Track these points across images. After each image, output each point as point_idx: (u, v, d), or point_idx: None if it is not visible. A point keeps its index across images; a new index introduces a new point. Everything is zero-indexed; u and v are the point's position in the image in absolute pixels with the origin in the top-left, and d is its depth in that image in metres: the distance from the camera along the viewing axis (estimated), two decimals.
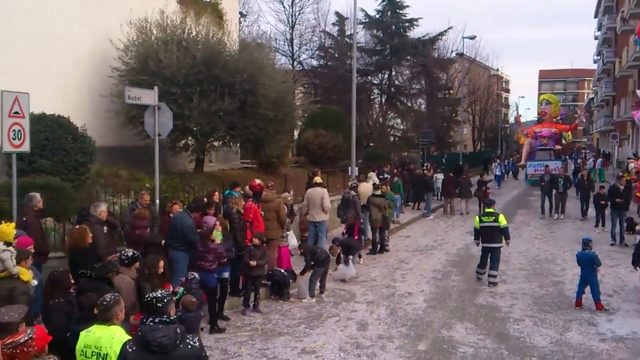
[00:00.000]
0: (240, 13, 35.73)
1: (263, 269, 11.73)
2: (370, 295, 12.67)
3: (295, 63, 42.63)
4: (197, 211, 11.05)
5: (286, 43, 42.55)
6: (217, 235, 10.34)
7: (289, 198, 15.35)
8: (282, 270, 12.55)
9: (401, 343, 9.76)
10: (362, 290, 13.07)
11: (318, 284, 12.54)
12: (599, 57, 72.68)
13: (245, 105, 17.07)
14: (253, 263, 11.08)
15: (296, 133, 32.46)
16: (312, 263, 12.51)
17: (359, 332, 10.32)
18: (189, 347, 5.08)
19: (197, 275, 9.42)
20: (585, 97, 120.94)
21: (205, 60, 16.79)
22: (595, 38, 77.88)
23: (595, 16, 77.23)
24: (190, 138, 18.00)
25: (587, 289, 11.72)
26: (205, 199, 11.65)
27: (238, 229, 11.52)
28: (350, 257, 14.02)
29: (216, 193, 12.45)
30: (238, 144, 19.79)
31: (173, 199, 12.56)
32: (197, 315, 8.68)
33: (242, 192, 13.13)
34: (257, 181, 13.63)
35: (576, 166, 39.91)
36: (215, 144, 18.59)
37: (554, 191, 24.00)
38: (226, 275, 10.82)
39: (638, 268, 11.74)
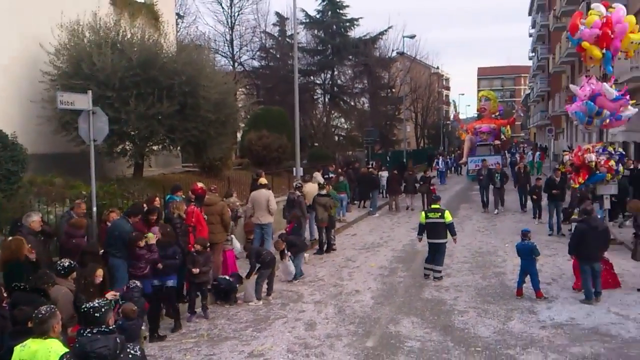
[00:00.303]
0: (178, 14, 35.12)
1: (208, 275, 11.51)
2: (318, 295, 12.58)
3: (236, 64, 42.16)
4: (136, 216, 10.72)
5: (226, 44, 42.01)
6: (150, 238, 10.04)
7: (237, 203, 15.10)
8: (227, 277, 12.32)
9: (349, 341, 9.69)
10: (309, 290, 12.97)
11: (265, 286, 12.35)
12: (533, 54, 74.62)
13: (185, 107, 16.70)
14: (195, 271, 10.87)
15: (239, 135, 32.12)
16: (258, 265, 12.31)
17: (307, 332, 10.21)
18: (130, 356, 4.94)
19: (138, 284, 9.12)
20: (522, 93, 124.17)
21: (141, 62, 16.33)
22: (530, 35, 79.96)
23: (530, 14, 79.25)
24: (127, 143, 17.45)
25: (528, 278, 11.96)
26: (144, 205, 11.33)
27: (180, 234, 11.22)
28: (288, 253, 13.75)
29: (157, 198, 12.13)
30: (179, 148, 19.35)
31: (111, 206, 12.18)
32: (138, 323, 8.40)
33: (184, 196, 12.84)
34: (199, 184, 13.37)
35: (512, 160, 40.43)
36: (155, 148, 18.10)
37: (492, 186, 24.37)
38: (170, 283, 10.47)
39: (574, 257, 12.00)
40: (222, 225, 12.81)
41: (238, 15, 42.40)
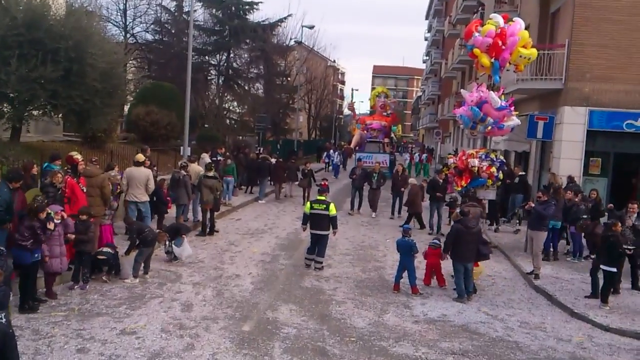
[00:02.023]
0: None
1: (91, 245, 11.21)
2: (197, 277, 12.40)
3: (128, 35, 40.68)
4: (17, 182, 10.16)
5: (119, 13, 40.44)
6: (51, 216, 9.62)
7: (119, 177, 14.54)
8: (111, 251, 11.91)
9: (226, 324, 9.63)
10: (188, 272, 12.75)
11: (142, 264, 12.04)
12: (427, 58, 77.16)
13: (71, 74, 15.98)
14: (71, 236, 10.55)
15: (126, 108, 31.07)
16: (138, 242, 11.98)
17: (183, 313, 10.04)
18: None
19: (4, 249, 8.61)
20: (414, 95, 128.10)
21: (26, 22, 15.48)
22: (425, 39, 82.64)
23: (427, 18, 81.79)
24: (6, 105, 16.49)
25: (405, 274, 12.34)
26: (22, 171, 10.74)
27: (53, 203, 10.70)
28: (184, 236, 13.55)
29: (34, 166, 11.52)
30: (60, 115, 18.48)
31: None
32: (5, 291, 7.92)
33: (66, 167, 12.27)
34: (75, 154, 12.71)
35: (391, 159, 39.36)
36: (35, 113, 17.21)
37: (368, 187, 22.93)
38: (37, 255, 9.97)
39: (448, 256, 12.49)
40: (101, 199, 12.32)
41: None
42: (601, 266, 11.90)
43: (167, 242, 13.39)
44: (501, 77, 17.93)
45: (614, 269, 11.72)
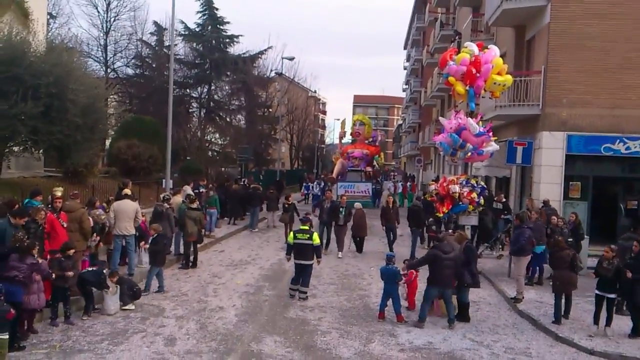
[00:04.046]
0: (50, 14, 33.57)
1: (73, 280, 11.10)
2: (180, 310, 12.30)
3: (109, 70, 40.82)
4: (22, 218, 10.37)
5: (99, 49, 40.63)
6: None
7: (102, 216, 14.19)
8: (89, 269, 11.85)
9: (209, 357, 9.55)
10: (172, 305, 12.65)
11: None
12: (407, 87, 77.90)
13: (52, 109, 15.99)
14: (70, 274, 10.66)
15: (108, 143, 31.02)
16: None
17: (166, 347, 9.95)
18: None
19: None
20: (395, 123, 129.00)
21: (6, 59, 15.52)
22: (405, 68, 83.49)
23: (405, 48, 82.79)
24: None
25: (390, 301, 12.30)
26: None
27: (34, 240, 10.61)
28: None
29: (16, 202, 11.46)
30: (41, 151, 18.41)
31: None
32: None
33: (43, 202, 12.18)
34: (57, 192, 12.48)
35: (376, 188, 39.11)
36: (15, 149, 17.15)
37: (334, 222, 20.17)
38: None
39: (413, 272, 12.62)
40: (80, 234, 12.21)
41: (114, 20, 41.38)
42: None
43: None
44: (479, 104, 18.18)
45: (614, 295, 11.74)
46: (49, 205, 12.03)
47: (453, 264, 11.94)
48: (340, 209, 19.99)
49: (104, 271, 11.95)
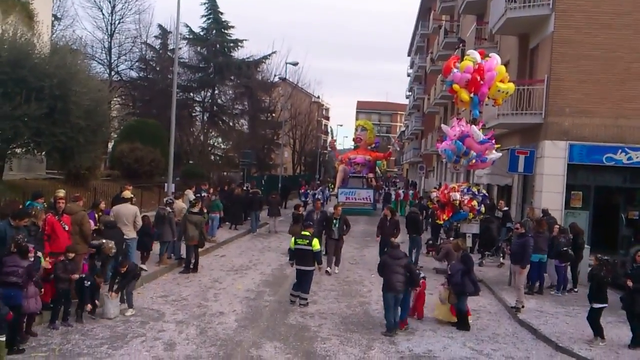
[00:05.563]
0: (55, 16, 33.67)
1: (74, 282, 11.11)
2: (181, 315, 12.29)
3: (113, 73, 40.92)
4: (22, 219, 10.31)
5: (104, 51, 40.76)
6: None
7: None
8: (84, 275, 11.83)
9: None
10: (172, 310, 12.63)
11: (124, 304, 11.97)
12: (410, 93, 77.92)
13: (55, 111, 16.03)
14: (75, 276, 10.74)
15: (110, 145, 31.07)
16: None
17: (165, 352, 9.93)
18: None
19: None
20: (398, 130, 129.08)
21: (11, 61, 15.56)
22: (408, 75, 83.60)
23: (409, 55, 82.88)
24: None
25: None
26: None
27: (34, 242, 10.61)
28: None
29: (18, 204, 11.48)
30: (44, 152, 18.44)
31: None
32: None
33: (45, 204, 12.18)
34: (59, 193, 12.52)
35: (387, 193, 39.11)
36: (18, 150, 17.18)
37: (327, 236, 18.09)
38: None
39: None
40: (80, 236, 12.19)
41: (119, 23, 41.52)
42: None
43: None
44: (482, 112, 18.17)
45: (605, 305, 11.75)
46: (49, 207, 12.03)
47: (404, 270, 11.83)
48: (334, 221, 17.86)
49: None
